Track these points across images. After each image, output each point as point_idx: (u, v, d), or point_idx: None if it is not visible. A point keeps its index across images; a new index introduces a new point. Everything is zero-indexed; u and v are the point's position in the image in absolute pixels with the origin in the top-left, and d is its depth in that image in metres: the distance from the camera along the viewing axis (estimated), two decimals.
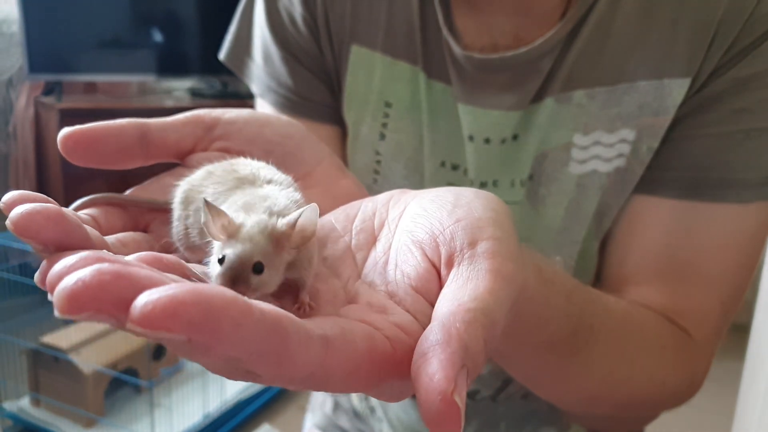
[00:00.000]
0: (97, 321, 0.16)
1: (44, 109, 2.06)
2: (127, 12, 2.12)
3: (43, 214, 0.19)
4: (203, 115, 0.31)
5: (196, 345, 0.15)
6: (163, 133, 0.29)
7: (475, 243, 0.22)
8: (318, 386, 0.19)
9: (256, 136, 0.31)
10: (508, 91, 0.46)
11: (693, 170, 0.44)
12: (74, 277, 0.15)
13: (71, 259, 0.17)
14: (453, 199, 0.25)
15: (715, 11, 0.42)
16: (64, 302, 0.15)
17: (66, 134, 0.26)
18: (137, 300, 0.15)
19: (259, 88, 0.52)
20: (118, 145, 0.27)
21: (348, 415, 0.65)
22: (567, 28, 0.44)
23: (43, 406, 1.48)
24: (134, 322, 0.15)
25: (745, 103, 0.42)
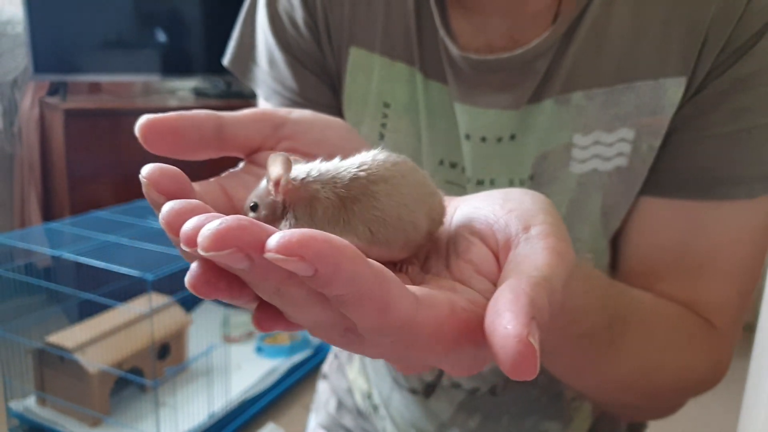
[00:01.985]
0: (231, 262, 0.17)
1: (49, 109, 2.06)
2: (131, 12, 2.12)
3: (167, 174, 0.22)
4: (271, 113, 0.30)
5: (320, 277, 0.17)
6: (235, 128, 0.29)
7: (529, 228, 0.24)
8: (405, 343, 0.20)
9: (322, 138, 0.31)
10: (504, 91, 0.47)
11: (701, 171, 0.45)
12: (219, 222, 0.17)
13: (205, 215, 0.19)
14: (502, 196, 0.27)
15: (706, 11, 0.42)
16: (210, 240, 0.17)
17: (146, 122, 0.26)
18: (272, 237, 0.17)
19: (265, 92, 0.53)
20: (197, 135, 0.28)
21: (352, 414, 0.66)
22: (562, 29, 0.45)
23: (49, 405, 1.48)
24: (272, 251, 0.17)
25: (746, 102, 0.43)
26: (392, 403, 0.61)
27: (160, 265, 1.29)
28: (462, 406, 0.57)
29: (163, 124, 0.27)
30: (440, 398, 0.58)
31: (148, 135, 0.26)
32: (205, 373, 1.64)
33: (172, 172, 0.23)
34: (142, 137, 0.26)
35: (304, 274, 0.17)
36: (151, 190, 0.22)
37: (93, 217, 1.56)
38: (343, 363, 0.68)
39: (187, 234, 0.18)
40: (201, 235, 0.17)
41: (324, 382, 0.71)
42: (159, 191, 0.22)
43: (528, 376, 0.18)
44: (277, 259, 0.17)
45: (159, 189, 0.22)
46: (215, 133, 0.28)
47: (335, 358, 0.70)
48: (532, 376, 0.18)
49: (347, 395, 0.66)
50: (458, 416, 0.58)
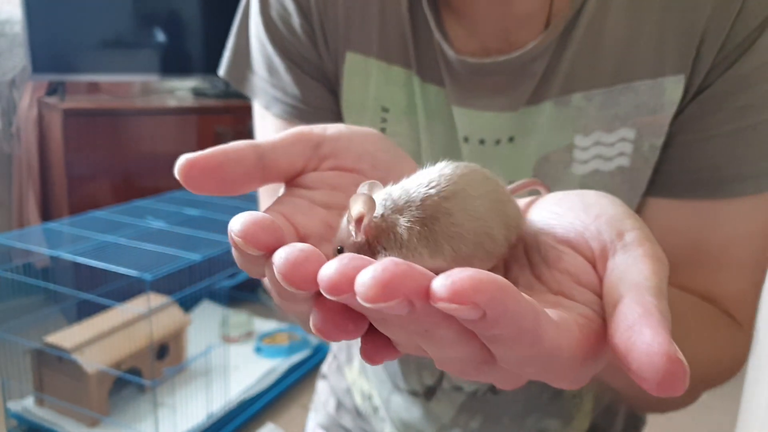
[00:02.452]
0: (393, 310, 0.17)
1: (47, 109, 2.06)
2: (130, 12, 2.12)
3: (264, 226, 0.21)
4: (308, 133, 0.29)
5: (487, 320, 0.17)
6: (276, 154, 0.28)
7: (622, 234, 0.24)
8: (544, 369, 0.20)
9: (362, 152, 0.30)
10: (501, 94, 0.47)
11: (709, 171, 0.45)
12: (378, 269, 0.17)
13: (348, 258, 0.18)
14: (580, 200, 0.26)
15: (702, 8, 0.42)
16: (376, 290, 0.17)
17: (186, 163, 0.25)
18: (437, 282, 0.17)
19: (264, 99, 0.53)
20: (241, 170, 0.26)
21: (351, 414, 0.66)
22: (558, 30, 0.45)
23: (47, 405, 1.48)
24: (444, 299, 0.16)
25: (749, 100, 0.43)
26: (392, 406, 0.61)
27: (158, 265, 1.29)
28: (463, 407, 0.57)
29: (206, 163, 0.25)
30: (441, 401, 0.58)
31: (191, 176, 0.25)
32: (203, 374, 1.64)
33: (267, 222, 0.21)
34: (184, 178, 0.25)
35: (470, 318, 0.17)
36: (250, 248, 0.21)
37: (91, 217, 1.56)
38: (342, 364, 0.68)
39: (333, 282, 0.18)
40: (362, 284, 0.17)
41: (323, 382, 0.71)
42: (259, 247, 0.21)
43: (677, 393, 0.18)
44: (449, 308, 0.16)
45: (259, 245, 0.21)
46: (257, 164, 0.27)
47: (334, 358, 0.70)
48: (681, 392, 0.18)
49: (346, 396, 0.66)
50: (459, 418, 0.58)
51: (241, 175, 0.26)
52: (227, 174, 0.26)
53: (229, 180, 0.26)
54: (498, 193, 0.25)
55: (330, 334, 0.19)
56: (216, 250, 1.40)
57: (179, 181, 0.25)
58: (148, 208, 1.65)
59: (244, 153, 0.26)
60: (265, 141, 0.28)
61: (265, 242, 0.21)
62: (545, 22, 0.46)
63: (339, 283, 0.18)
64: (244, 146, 0.26)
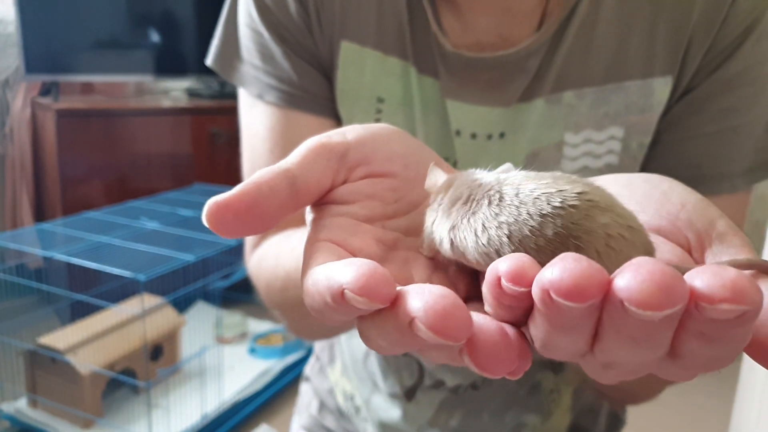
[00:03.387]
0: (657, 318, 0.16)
1: (41, 109, 2.05)
2: (124, 12, 2.12)
3: (381, 279, 0.19)
4: (328, 143, 0.26)
5: (747, 316, 0.16)
6: (306, 176, 0.25)
7: (714, 223, 0.23)
8: (725, 361, 0.20)
9: (391, 152, 0.28)
10: (495, 89, 0.47)
11: (690, 169, 0.46)
12: (651, 270, 0.16)
13: (575, 259, 0.17)
14: (653, 186, 0.26)
15: (690, 12, 0.44)
16: (660, 297, 0.16)
17: (217, 207, 0.22)
18: (711, 282, 0.16)
19: (257, 88, 0.52)
20: (276, 202, 0.24)
21: (333, 415, 0.66)
22: (551, 30, 0.46)
23: (41, 407, 1.47)
24: (726, 300, 0.16)
25: (731, 102, 0.45)
26: (372, 406, 0.61)
27: (152, 266, 1.28)
28: (443, 405, 0.58)
29: (240, 204, 0.23)
30: (420, 401, 0.58)
31: (224, 221, 0.22)
32: (198, 375, 1.63)
33: (383, 274, 0.19)
34: (216, 225, 0.22)
35: (732, 316, 0.16)
36: (371, 304, 0.19)
37: (85, 217, 1.55)
38: (325, 365, 0.68)
39: (580, 287, 0.16)
40: (635, 290, 0.16)
41: (306, 384, 0.71)
42: (383, 302, 0.19)
43: None
44: (727, 309, 0.16)
45: (383, 300, 0.19)
46: (290, 191, 0.24)
47: (317, 360, 0.70)
48: None
49: (329, 396, 0.67)
50: (439, 416, 0.58)
51: (276, 208, 0.24)
52: (263, 211, 0.23)
53: (266, 216, 0.23)
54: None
55: (496, 370, 0.18)
56: (210, 250, 1.39)
57: (209, 227, 0.22)
58: (142, 209, 1.64)
59: (276, 182, 0.24)
60: (290, 163, 0.25)
61: (388, 295, 0.19)
62: (540, 21, 0.46)
63: (586, 289, 0.16)
64: (274, 175, 0.24)
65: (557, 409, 0.59)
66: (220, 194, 0.23)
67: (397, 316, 0.18)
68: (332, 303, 0.20)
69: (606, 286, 0.17)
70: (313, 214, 0.27)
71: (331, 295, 0.19)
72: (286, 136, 0.51)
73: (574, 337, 0.19)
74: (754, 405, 1.02)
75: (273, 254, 0.50)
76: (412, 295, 0.18)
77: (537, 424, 0.58)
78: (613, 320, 0.17)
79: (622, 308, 0.16)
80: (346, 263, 0.20)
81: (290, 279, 0.46)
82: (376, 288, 0.18)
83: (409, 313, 0.18)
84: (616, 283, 0.17)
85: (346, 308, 0.19)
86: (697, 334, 0.17)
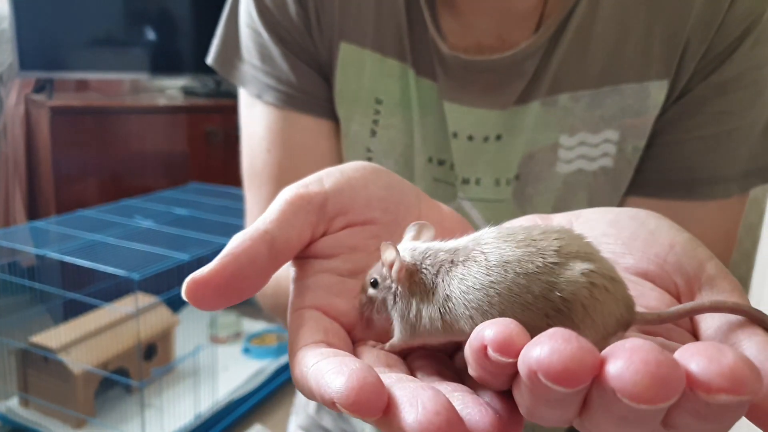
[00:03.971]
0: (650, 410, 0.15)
1: (35, 106, 2.04)
2: (120, 9, 2.10)
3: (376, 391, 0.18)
4: (307, 195, 0.26)
5: (744, 404, 0.16)
6: (285, 235, 0.24)
7: (703, 265, 0.23)
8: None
9: (369, 197, 0.27)
10: (492, 92, 0.47)
11: (684, 172, 0.47)
12: (646, 360, 0.15)
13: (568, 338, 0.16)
14: (639, 225, 0.25)
15: (686, 17, 0.44)
16: (655, 390, 0.15)
17: (195, 284, 0.22)
18: (708, 371, 0.15)
19: (256, 88, 0.52)
20: (256, 270, 0.23)
21: (331, 415, 0.66)
22: (549, 32, 0.46)
23: (32, 406, 1.46)
24: (724, 390, 0.15)
25: (726, 106, 0.45)
26: None
27: (146, 265, 1.28)
28: None
29: (219, 279, 0.22)
30: None
31: (204, 298, 0.22)
32: (191, 374, 1.62)
33: (372, 386, 0.18)
34: (195, 301, 0.22)
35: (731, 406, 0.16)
36: (363, 416, 0.18)
37: (79, 216, 1.55)
38: None
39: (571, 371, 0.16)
40: (632, 383, 0.15)
41: None
42: (374, 415, 0.18)
43: None
44: (726, 400, 0.15)
45: (371, 412, 0.18)
46: (269, 255, 0.24)
47: None
48: None
49: None
50: None
51: (256, 276, 0.23)
52: (242, 282, 0.23)
53: (245, 287, 0.23)
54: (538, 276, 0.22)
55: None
56: (205, 249, 1.39)
57: (190, 303, 0.22)
58: (137, 208, 1.64)
59: (254, 249, 0.23)
60: (267, 222, 0.24)
61: (378, 408, 0.18)
62: (537, 24, 0.47)
63: (576, 373, 0.16)
64: (252, 242, 0.23)
65: None
66: (198, 270, 0.22)
67: (391, 426, 0.18)
68: (323, 403, 0.19)
69: (597, 369, 0.16)
70: (295, 270, 0.26)
71: (321, 400, 0.19)
72: (284, 136, 0.51)
73: (561, 411, 0.18)
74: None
75: None
76: (404, 407, 0.18)
77: (535, 426, 0.58)
78: (603, 401, 0.16)
79: (613, 395, 0.16)
80: (336, 367, 0.19)
81: (279, 286, 0.46)
82: (366, 402, 0.18)
83: (402, 428, 0.18)
84: (608, 369, 0.16)
85: (338, 410, 0.19)
86: (692, 412, 0.16)
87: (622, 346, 0.16)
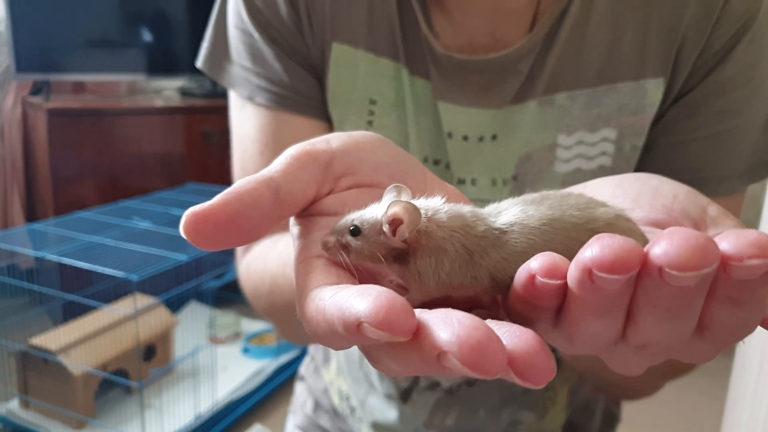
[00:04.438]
0: (692, 281, 0.17)
1: (32, 108, 2.04)
2: (116, 11, 2.10)
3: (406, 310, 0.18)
4: (314, 152, 0.25)
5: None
6: (290, 185, 0.24)
7: (705, 209, 0.25)
8: (749, 330, 0.21)
9: (377, 162, 0.27)
10: (486, 91, 0.47)
11: (688, 172, 0.46)
12: (685, 236, 0.17)
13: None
14: (643, 183, 0.27)
15: (682, 14, 0.44)
16: (696, 258, 0.17)
17: (195, 217, 0.21)
18: (738, 242, 0.17)
19: (247, 90, 0.52)
20: (259, 213, 0.22)
21: (328, 414, 0.66)
22: (543, 31, 0.45)
23: (33, 408, 1.46)
24: (755, 256, 0.17)
25: (727, 105, 0.45)
26: (367, 407, 0.61)
27: (145, 266, 1.28)
28: (438, 405, 0.58)
29: (220, 215, 0.21)
30: (417, 402, 0.58)
31: (203, 233, 0.21)
32: (191, 375, 1.63)
33: (403, 306, 0.17)
34: (194, 237, 0.21)
35: (759, 272, 0.17)
36: (393, 337, 0.17)
37: (77, 217, 1.54)
38: (320, 365, 0.68)
39: (621, 259, 0.17)
40: (672, 255, 0.17)
41: (301, 384, 0.71)
42: (405, 335, 0.17)
43: None
44: (755, 265, 0.17)
45: (403, 332, 0.17)
46: (275, 201, 0.23)
47: (311, 360, 0.70)
48: None
49: (324, 396, 0.66)
50: (435, 416, 0.58)
51: (259, 219, 0.22)
52: (245, 222, 0.22)
53: (248, 228, 0.22)
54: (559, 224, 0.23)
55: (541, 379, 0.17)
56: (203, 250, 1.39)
57: (187, 239, 0.21)
58: (135, 209, 1.64)
59: (259, 192, 0.22)
60: (273, 171, 0.24)
61: (410, 328, 0.17)
62: (531, 23, 0.46)
63: (627, 260, 0.17)
64: (257, 184, 0.23)
65: (553, 407, 0.59)
66: (198, 205, 0.21)
67: (422, 348, 0.17)
68: (344, 333, 0.18)
69: (644, 256, 0.18)
70: (299, 227, 0.25)
71: (344, 327, 0.18)
72: (277, 137, 0.51)
73: (608, 321, 0.19)
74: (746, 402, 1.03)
75: (261, 259, 0.50)
76: (438, 326, 0.17)
77: (533, 422, 0.58)
78: (648, 294, 0.18)
79: (659, 278, 0.17)
80: (358, 292, 0.18)
81: (276, 284, 0.46)
82: (396, 321, 0.17)
83: (437, 346, 0.17)
84: (653, 252, 0.17)
85: (360, 339, 0.18)
86: (725, 300, 0.19)
87: (661, 235, 0.18)
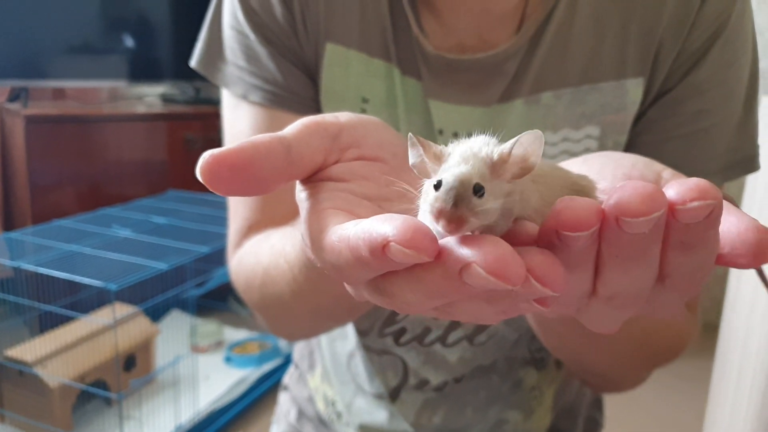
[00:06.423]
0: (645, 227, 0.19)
1: (10, 115, 2.01)
2: (97, 16, 2.08)
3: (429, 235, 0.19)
4: (323, 122, 0.26)
5: (712, 217, 0.19)
6: (301, 147, 0.25)
7: (660, 173, 0.27)
8: (704, 278, 0.22)
9: (381, 140, 0.28)
10: (475, 90, 0.49)
11: None
12: (641, 186, 0.19)
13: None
14: (607, 158, 0.29)
15: (660, 16, 0.46)
16: (646, 204, 0.19)
17: (214, 159, 0.22)
18: (682, 186, 0.19)
19: (242, 88, 0.53)
20: (271, 166, 0.23)
21: (313, 422, 0.65)
22: (529, 33, 0.47)
23: (8, 421, 1.43)
24: (695, 198, 0.19)
25: (703, 105, 0.47)
26: (354, 410, 0.61)
27: (124, 275, 1.26)
28: (426, 403, 0.58)
29: (236, 159, 0.22)
30: (405, 401, 0.59)
31: (219, 175, 0.22)
32: (172, 385, 1.60)
33: (427, 229, 0.18)
34: (210, 178, 0.22)
35: (701, 217, 0.19)
36: (420, 256, 0.18)
37: (55, 226, 1.52)
38: (305, 372, 0.68)
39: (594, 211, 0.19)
40: (627, 201, 0.18)
41: (284, 394, 0.71)
42: (430, 255, 0.18)
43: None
44: (696, 206, 0.19)
45: (429, 252, 0.18)
46: (286, 158, 0.24)
47: (296, 368, 0.70)
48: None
49: (308, 404, 0.66)
50: (422, 415, 0.59)
51: (270, 171, 0.23)
52: (258, 171, 0.23)
53: (260, 178, 0.23)
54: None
55: (557, 283, 0.19)
56: (184, 258, 1.37)
57: (202, 180, 0.22)
58: (115, 217, 1.62)
59: (272, 146, 0.23)
60: (288, 132, 0.25)
61: (435, 248, 0.19)
62: (518, 25, 0.48)
63: (586, 220, 0.19)
64: (271, 139, 0.24)
65: (539, 408, 0.59)
66: (215, 149, 0.22)
67: (445, 265, 0.19)
68: (369, 257, 0.19)
69: (602, 214, 0.19)
70: (307, 191, 0.26)
71: (370, 249, 0.19)
72: None
73: (579, 275, 0.21)
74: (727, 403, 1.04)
75: (252, 253, 0.51)
76: (463, 248, 0.19)
77: (519, 421, 0.59)
78: (610, 245, 0.20)
79: (617, 227, 0.19)
80: (384, 218, 0.19)
81: (268, 275, 0.47)
82: (423, 241, 0.18)
83: (461, 260, 0.18)
84: (608, 204, 0.19)
85: (383, 263, 0.19)
86: (679, 246, 0.20)
87: (614, 189, 0.19)
